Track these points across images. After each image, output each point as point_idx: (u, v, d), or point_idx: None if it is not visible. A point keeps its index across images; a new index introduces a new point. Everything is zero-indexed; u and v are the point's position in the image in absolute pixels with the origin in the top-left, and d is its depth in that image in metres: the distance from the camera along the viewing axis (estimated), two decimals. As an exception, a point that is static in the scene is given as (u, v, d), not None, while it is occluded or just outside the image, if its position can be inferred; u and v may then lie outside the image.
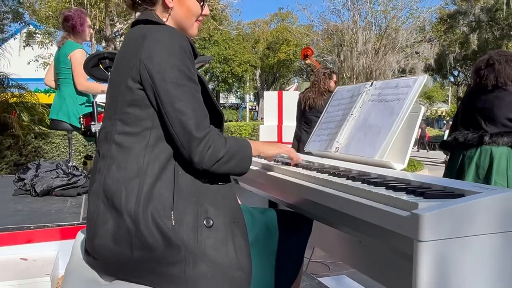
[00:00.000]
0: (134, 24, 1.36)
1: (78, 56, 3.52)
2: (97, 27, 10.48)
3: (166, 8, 1.36)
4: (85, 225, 2.36)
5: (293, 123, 8.03)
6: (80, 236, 1.55)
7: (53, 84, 3.76)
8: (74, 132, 7.92)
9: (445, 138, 3.26)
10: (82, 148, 8.49)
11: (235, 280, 1.16)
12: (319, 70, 4.26)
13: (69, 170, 3.48)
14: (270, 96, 8.39)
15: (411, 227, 0.81)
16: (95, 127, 3.16)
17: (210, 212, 1.20)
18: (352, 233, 1.11)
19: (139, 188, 1.15)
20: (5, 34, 8.86)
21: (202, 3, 1.41)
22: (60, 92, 3.62)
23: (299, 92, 8.69)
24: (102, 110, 3.32)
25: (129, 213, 1.13)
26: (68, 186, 3.33)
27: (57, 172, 3.40)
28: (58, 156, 7.91)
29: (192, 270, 1.10)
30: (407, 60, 15.22)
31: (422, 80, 1.39)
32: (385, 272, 1.31)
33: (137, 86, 1.20)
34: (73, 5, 9.58)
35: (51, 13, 9.51)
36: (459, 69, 27.20)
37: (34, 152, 7.43)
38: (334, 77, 4.24)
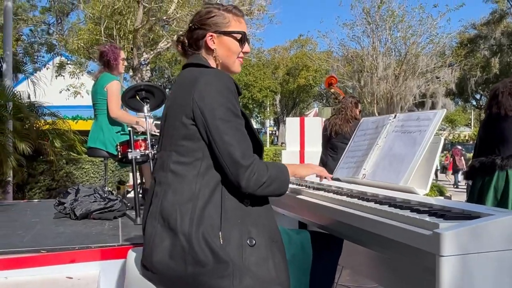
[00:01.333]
0: (185, 66, 1.57)
1: (114, 87, 3.79)
2: (125, 57, 10.95)
3: (209, 50, 1.56)
4: (126, 246, 2.54)
5: (315, 149, 8.17)
6: (132, 254, 1.73)
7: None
8: (102, 160, 8.20)
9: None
10: (110, 173, 8.78)
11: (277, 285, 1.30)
12: (347, 99, 4.44)
13: (105, 195, 3.69)
14: (292, 122, 8.57)
15: (433, 244, 0.95)
16: (132, 154, 3.36)
17: (252, 232, 1.36)
18: (381, 251, 1.25)
19: (192, 211, 1.32)
20: (39, 64, 9.34)
21: (241, 43, 1.59)
22: (97, 121, 3.86)
23: (320, 118, 8.86)
24: (138, 139, 3.54)
25: (183, 233, 1.30)
26: (105, 210, 3.53)
27: (94, 197, 3.60)
28: (87, 181, 8.19)
29: (239, 284, 1.25)
30: (428, 85, 15.27)
31: (441, 113, 1.53)
32: (410, 287, 1.43)
33: (190, 122, 1.39)
34: (103, 37, 10.08)
35: (82, 44, 10.01)
36: (481, 92, 27.00)
37: (65, 177, 7.73)
38: (360, 106, 4.42)
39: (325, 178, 1.71)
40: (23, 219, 3.58)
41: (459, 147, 16.42)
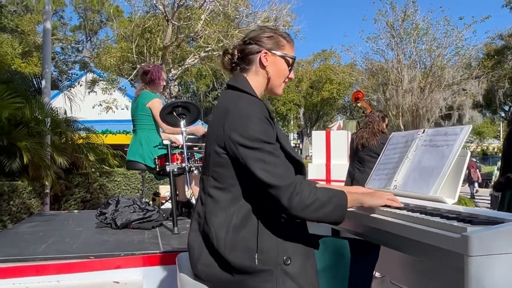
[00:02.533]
0: (227, 85, 1.67)
1: (157, 105, 4.02)
2: (165, 78, 11.36)
3: (261, 66, 1.63)
4: (167, 253, 2.71)
5: (341, 162, 8.25)
6: (181, 257, 1.89)
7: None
8: (133, 173, 8.46)
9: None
10: (141, 186, 9.05)
11: None
12: (374, 113, 4.56)
13: (143, 206, 3.89)
14: (318, 136, 8.69)
15: (462, 246, 1.08)
16: (170, 167, 3.56)
17: (288, 252, 1.46)
18: (414, 254, 1.37)
19: (226, 234, 1.45)
20: (72, 81, 9.78)
21: (290, 68, 1.69)
22: (137, 136, 4.09)
23: (346, 131, 8.94)
24: (174, 152, 3.73)
25: (221, 254, 1.44)
26: (144, 220, 3.73)
27: (134, 207, 3.80)
28: (119, 193, 8.45)
29: (282, 285, 1.40)
30: (454, 97, 15.15)
31: (468, 128, 1.65)
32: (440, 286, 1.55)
33: (222, 151, 1.49)
34: (134, 55, 10.49)
35: (113, 62, 10.44)
36: (510, 104, 26.50)
37: (99, 189, 8.02)
38: (387, 120, 4.54)
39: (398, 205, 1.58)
40: (67, 228, 3.81)
41: (474, 159, 16.46)
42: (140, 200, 3.99)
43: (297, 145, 38.86)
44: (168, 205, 4.97)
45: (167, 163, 3.57)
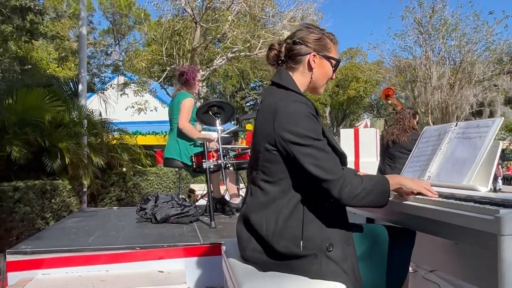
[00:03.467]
0: (272, 83, 1.74)
1: (187, 103, 4.19)
2: (200, 79, 11.63)
3: (309, 67, 1.71)
4: (207, 245, 2.85)
5: (370, 159, 8.27)
6: (227, 244, 2.03)
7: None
8: (164, 172, 8.68)
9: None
10: (172, 184, 9.30)
11: (351, 282, 1.54)
12: (404, 110, 4.61)
13: (181, 202, 4.07)
14: (346, 133, 8.73)
15: (495, 226, 1.18)
16: (206, 164, 3.72)
17: (331, 238, 1.57)
18: (450, 237, 1.47)
19: (275, 223, 1.57)
20: (106, 84, 10.14)
21: (334, 69, 1.77)
22: (173, 134, 4.28)
23: (375, 129, 8.95)
24: (210, 150, 3.89)
25: (269, 242, 1.57)
26: (182, 215, 3.91)
27: (172, 203, 3.99)
28: (152, 192, 8.72)
29: (326, 267, 1.52)
30: (485, 93, 14.85)
31: (499, 120, 1.73)
32: (474, 269, 1.63)
33: (273, 148, 1.59)
34: (164, 58, 10.77)
35: (144, 64, 10.75)
36: (545, 99, 25.69)
37: (133, 188, 8.30)
38: (417, 117, 4.59)
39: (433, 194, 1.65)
40: (110, 223, 4.03)
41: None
42: (178, 196, 4.16)
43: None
44: (201, 202, 5.14)
45: (204, 160, 3.74)
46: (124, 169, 8.30)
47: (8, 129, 5.94)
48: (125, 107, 11.35)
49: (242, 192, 4.50)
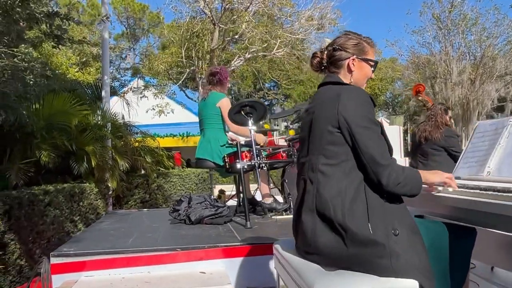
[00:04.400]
0: (322, 84, 1.85)
1: (226, 104, 4.19)
2: (203, 76, 11.65)
3: (349, 71, 1.84)
4: (246, 245, 2.84)
5: (394, 157, 8.17)
6: (279, 246, 2.01)
7: None
8: (187, 173, 8.69)
9: None
10: (194, 186, 9.34)
11: (424, 276, 1.52)
12: (436, 106, 4.54)
13: (213, 202, 4.07)
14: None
15: None
16: (240, 164, 3.71)
17: (395, 224, 1.58)
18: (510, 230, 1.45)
19: (342, 205, 1.58)
20: (124, 87, 10.24)
21: (373, 69, 1.88)
22: (205, 135, 4.28)
23: (399, 127, 8.84)
24: (243, 150, 3.88)
25: (338, 223, 1.57)
26: (216, 216, 3.90)
27: (205, 204, 3.99)
28: (175, 194, 8.77)
29: (396, 262, 1.49)
30: (508, 88, 14.58)
31: None
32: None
33: (335, 130, 1.67)
34: (184, 60, 10.82)
35: (164, 67, 10.82)
36: None
37: (156, 190, 8.34)
38: (450, 112, 4.51)
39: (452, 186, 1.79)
40: (144, 225, 4.05)
41: None
42: (210, 197, 4.17)
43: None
44: (230, 202, 5.13)
45: (237, 161, 3.73)
46: (145, 171, 8.35)
47: (36, 134, 6.01)
48: (146, 110, 11.43)
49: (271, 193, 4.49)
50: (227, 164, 3.94)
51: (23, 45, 4.46)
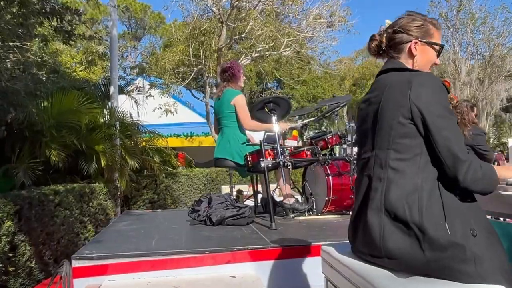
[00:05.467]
0: (384, 72, 1.68)
1: (241, 101, 4.03)
2: (211, 75, 11.53)
3: (411, 55, 1.67)
4: (276, 247, 2.69)
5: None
6: (329, 250, 1.86)
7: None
8: (195, 174, 8.54)
9: None
10: (203, 186, 9.20)
11: (508, 280, 1.37)
12: (461, 103, 4.39)
13: (235, 203, 3.92)
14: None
15: None
16: (264, 162, 3.56)
17: (472, 224, 1.44)
18: None
19: (419, 202, 1.43)
20: (132, 86, 10.11)
21: (438, 54, 1.71)
22: (224, 134, 4.12)
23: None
24: (266, 148, 3.73)
25: (414, 222, 1.41)
26: (238, 217, 3.75)
27: (226, 204, 3.83)
28: (183, 194, 8.64)
29: (480, 267, 1.34)
30: (517, 87, 14.45)
31: None
32: None
33: (408, 121, 1.50)
34: (191, 58, 10.67)
35: (170, 66, 10.67)
36: None
37: (165, 190, 8.21)
38: (475, 109, 4.35)
39: None
40: (163, 226, 3.90)
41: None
42: (230, 197, 4.02)
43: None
44: (247, 203, 4.99)
45: (262, 159, 3.58)
46: (154, 172, 8.21)
47: (46, 132, 5.87)
48: (153, 109, 11.29)
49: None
50: (249, 162, 3.79)
51: (36, 39, 4.34)
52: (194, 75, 11.52)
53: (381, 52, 1.75)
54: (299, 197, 4.63)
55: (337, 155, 4.67)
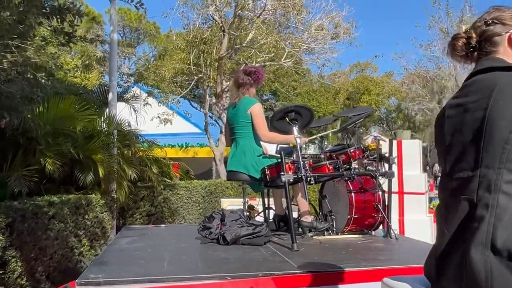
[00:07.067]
0: (481, 71, 1.38)
1: (258, 110, 3.73)
2: (211, 85, 11.23)
3: (510, 47, 1.41)
4: (305, 273, 2.35)
5: (413, 172, 7.77)
6: (400, 285, 1.55)
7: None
8: (194, 186, 8.20)
9: None
10: (201, 199, 8.84)
11: None
12: None
13: (250, 220, 3.60)
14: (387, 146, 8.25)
15: None
16: (285, 177, 3.25)
17: None
18: None
19: None
20: (129, 94, 9.75)
21: None
22: (238, 145, 3.80)
23: (418, 141, 8.47)
24: (287, 161, 3.42)
25: None
26: (254, 235, 3.43)
27: (241, 222, 3.51)
28: (182, 207, 8.28)
29: None
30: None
31: None
32: None
33: None
34: (192, 67, 10.40)
35: (170, 74, 10.39)
36: None
37: (163, 203, 7.83)
38: None
39: None
40: (171, 244, 3.56)
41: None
42: (243, 213, 3.70)
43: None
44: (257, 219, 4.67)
45: (282, 173, 3.27)
46: (152, 183, 7.84)
47: (41, 139, 5.50)
48: (151, 118, 10.98)
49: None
50: (267, 177, 3.47)
51: (36, 38, 4.01)
52: (193, 84, 11.25)
53: (470, 50, 1.47)
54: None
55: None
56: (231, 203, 6.98)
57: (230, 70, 12.06)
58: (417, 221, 6.59)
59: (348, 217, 3.67)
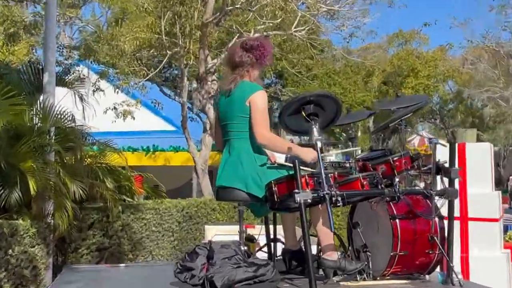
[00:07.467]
0: None
1: (259, 101, 3.73)
2: (191, 62, 11.29)
3: None
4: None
5: (483, 190, 7.81)
6: None
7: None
8: (166, 207, 8.25)
9: None
10: (176, 226, 8.91)
11: None
12: None
13: (249, 258, 3.63)
14: (442, 151, 8.30)
15: None
16: (300, 196, 3.26)
17: None
18: None
19: None
20: (72, 76, 9.77)
21: None
22: (233, 150, 3.81)
23: (489, 144, 8.54)
24: (304, 174, 3.44)
25: None
26: (256, 279, 3.46)
27: (236, 259, 3.55)
28: (148, 238, 8.36)
29: None
30: None
31: None
32: None
33: None
34: (163, 37, 10.47)
35: (128, 47, 10.44)
36: None
37: (120, 232, 7.89)
38: None
39: None
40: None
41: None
42: (239, 247, 3.73)
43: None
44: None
45: (296, 191, 3.28)
46: (105, 203, 7.90)
47: None
48: (104, 110, 11.06)
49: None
50: (275, 195, 3.49)
51: None
52: (166, 62, 11.31)
53: None
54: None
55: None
56: (219, 232, 7.05)
57: (218, 42, 12.11)
58: (488, 259, 6.65)
59: (391, 254, 3.71)
